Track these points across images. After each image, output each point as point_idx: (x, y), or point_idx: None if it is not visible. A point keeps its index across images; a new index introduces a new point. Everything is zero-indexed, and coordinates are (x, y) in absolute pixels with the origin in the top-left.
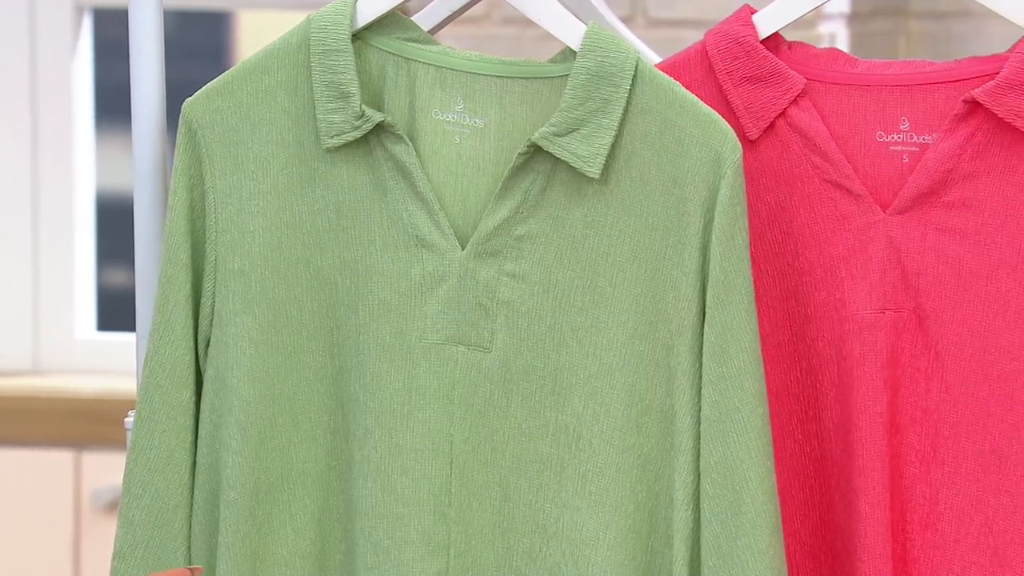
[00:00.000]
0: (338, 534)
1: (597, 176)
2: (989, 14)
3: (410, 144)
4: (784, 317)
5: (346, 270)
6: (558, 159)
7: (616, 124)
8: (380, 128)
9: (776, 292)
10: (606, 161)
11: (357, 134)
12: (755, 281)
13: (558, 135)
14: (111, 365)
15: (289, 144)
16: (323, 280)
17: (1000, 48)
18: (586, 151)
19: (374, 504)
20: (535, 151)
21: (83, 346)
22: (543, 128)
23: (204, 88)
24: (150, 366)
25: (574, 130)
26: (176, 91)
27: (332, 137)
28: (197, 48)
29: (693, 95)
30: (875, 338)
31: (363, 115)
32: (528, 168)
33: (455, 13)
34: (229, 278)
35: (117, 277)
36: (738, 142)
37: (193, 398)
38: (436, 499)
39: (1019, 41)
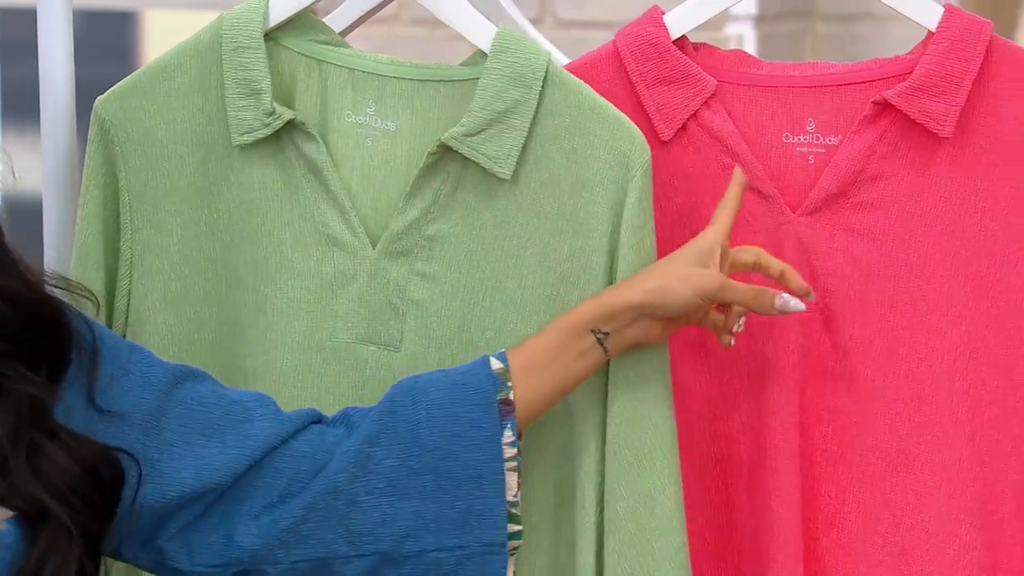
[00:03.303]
0: None
1: (508, 177)
2: (893, 17)
3: (321, 143)
4: None
5: (256, 268)
6: (468, 160)
7: (527, 125)
8: (291, 127)
9: None
10: (516, 163)
11: (268, 131)
12: None
13: (468, 135)
14: None
15: (203, 142)
16: (237, 278)
17: (905, 49)
18: (496, 152)
19: None
20: (445, 152)
21: None
22: (453, 129)
23: (116, 87)
24: None
25: (484, 130)
26: (83, 91)
27: (243, 134)
28: (103, 48)
29: (603, 98)
30: (786, 339)
31: (274, 112)
32: (438, 169)
33: (367, 13)
34: (147, 276)
35: None
36: (646, 145)
37: None
38: None
39: (920, 43)
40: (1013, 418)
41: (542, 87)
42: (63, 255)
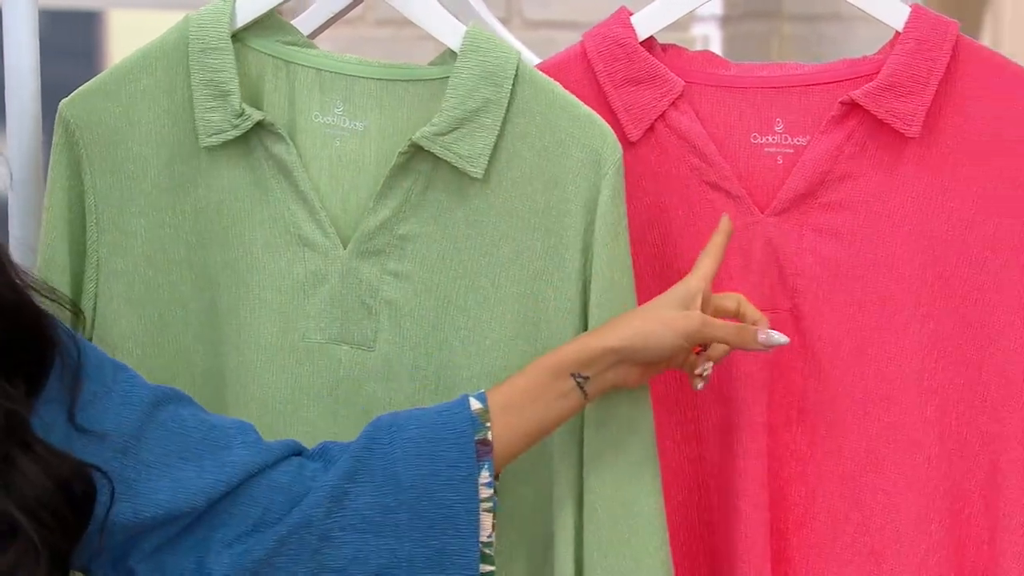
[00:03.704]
0: None
1: (480, 176)
2: (859, 17)
3: (291, 143)
4: None
5: (227, 270)
6: (439, 159)
7: (498, 124)
8: (260, 127)
9: (657, 292)
10: (488, 161)
11: (236, 133)
12: (636, 281)
13: (439, 135)
14: None
15: (169, 144)
16: (206, 280)
17: (871, 49)
18: (468, 151)
19: None
20: (416, 151)
21: None
22: (424, 128)
23: (81, 88)
24: None
25: (455, 129)
26: (47, 91)
27: (211, 136)
28: (67, 48)
29: (574, 96)
30: None
31: (243, 114)
32: (409, 168)
33: (337, 15)
34: (112, 279)
35: None
36: (618, 142)
37: None
38: None
39: (887, 43)
40: (981, 417)
41: (513, 85)
42: (29, 258)
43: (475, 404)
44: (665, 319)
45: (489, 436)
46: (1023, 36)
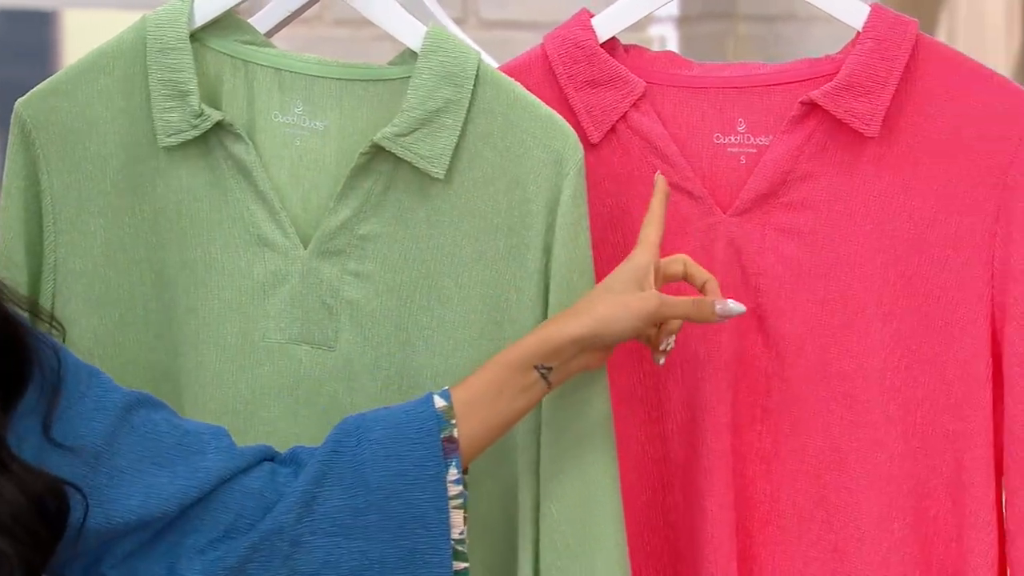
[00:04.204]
0: None
1: (442, 176)
2: (815, 17)
3: (250, 143)
4: None
5: (186, 270)
6: (400, 159)
7: (460, 124)
8: (219, 127)
9: None
10: (450, 162)
11: (195, 133)
12: (597, 282)
13: (400, 135)
14: None
15: (127, 144)
16: (166, 280)
17: (827, 49)
18: (429, 151)
19: None
20: (377, 152)
21: None
22: (386, 128)
23: (37, 88)
24: None
25: (417, 130)
26: (2, 91)
27: (169, 136)
28: (22, 47)
29: (535, 96)
30: (719, 339)
31: (202, 114)
32: (370, 168)
33: (294, 13)
34: (70, 279)
35: None
36: (579, 143)
37: None
38: None
39: (849, 43)
40: (944, 415)
41: (474, 86)
42: None
43: (439, 402)
44: (624, 302)
45: (455, 433)
46: (977, 32)
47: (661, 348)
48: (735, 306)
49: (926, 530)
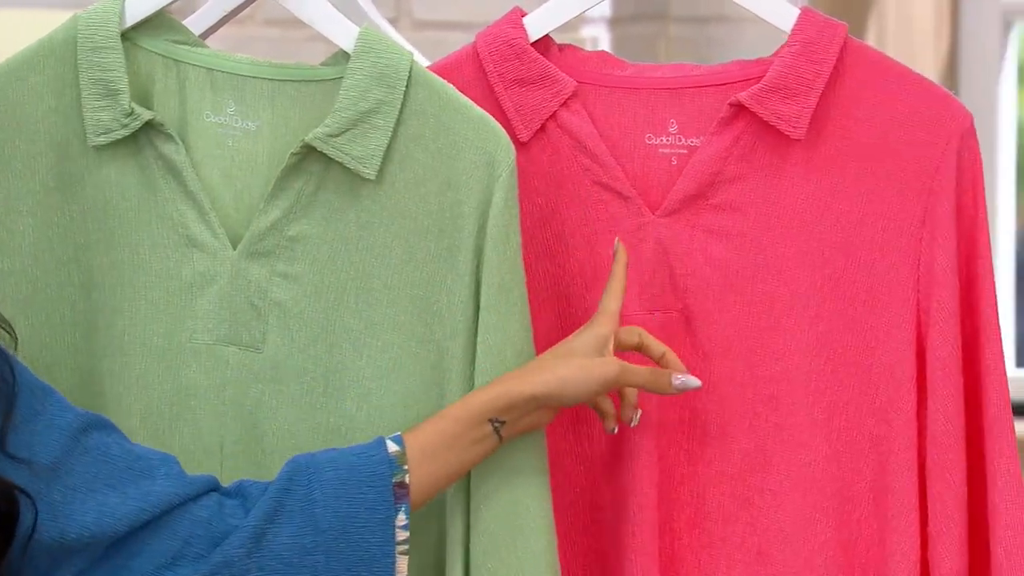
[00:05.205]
0: None
1: (373, 177)
2: (746, 19)
3: (180, 143)
4: (556, 318)
5: (113, 271)
6: (332, 160)
7: (391, 125)
8: (150, 127)
9: (548, 293)
10: (381, 163)
11: (125, 132)
12: (527, 282)
13: (332, 136)
14: None
15: (57, 143)
16: (93, 281)
17: (759, 51)
18: (360, 152)
19: None
20: (309, 152)
21: None
22: (317, 129)
23: None
24: None
25: (348, 131)
26: None
27: (99, 135)
28: None
29: (467, 98)
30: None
31: (132, 113)
32: (301, 169)
33: (230, 14)
34: None
35: None
36: (512, 145)
37: None
38: None
39: (782, 46)
40: (869, 419)
41: (406, 87)
42: None
43: (392, 447)
44: (585, 366)
45: (407, 479)
46: (906, 36)
47: (626, 421)
48: (692, 380)
49: (849, 533)
